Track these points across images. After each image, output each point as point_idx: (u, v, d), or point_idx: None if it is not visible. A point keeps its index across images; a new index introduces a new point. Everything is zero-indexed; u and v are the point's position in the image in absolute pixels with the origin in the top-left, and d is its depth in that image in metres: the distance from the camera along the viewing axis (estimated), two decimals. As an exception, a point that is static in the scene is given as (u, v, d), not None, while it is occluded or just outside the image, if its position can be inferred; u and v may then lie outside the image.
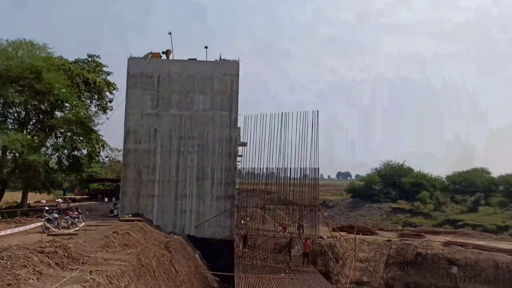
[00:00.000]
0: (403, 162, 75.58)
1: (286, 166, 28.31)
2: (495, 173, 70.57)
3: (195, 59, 30.78)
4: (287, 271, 23.46)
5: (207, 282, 23.37)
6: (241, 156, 31.72)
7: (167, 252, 20.43)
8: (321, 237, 27.85)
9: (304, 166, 27.88)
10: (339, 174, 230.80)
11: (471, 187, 64.10)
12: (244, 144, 30.17)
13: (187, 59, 30.87)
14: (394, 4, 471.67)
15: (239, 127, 30.28)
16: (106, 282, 11.42)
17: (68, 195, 43.95)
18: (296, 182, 28.68)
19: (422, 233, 33.66)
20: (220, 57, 31.06)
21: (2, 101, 29.56)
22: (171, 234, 26.57)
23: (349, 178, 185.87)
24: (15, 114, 32.39)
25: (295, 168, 28.33)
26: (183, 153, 29.64)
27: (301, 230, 28.22)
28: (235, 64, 30.52)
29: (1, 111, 31.17)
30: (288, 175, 28.69)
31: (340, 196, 77.05)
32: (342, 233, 30.32)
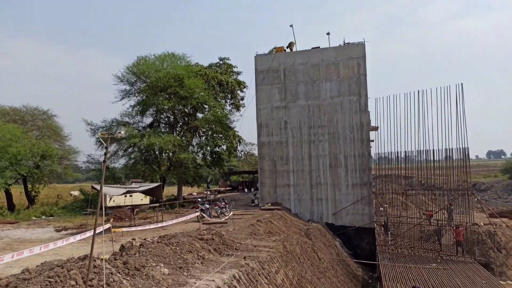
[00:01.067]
0: None
1: (427, 148, 25.88)
2: None
3: (318, 47, 30.49)
4: (438, 261, 21.54)
5: (350, 269, 23.03)
6: (373, 141, 30.30)
7: (308, 240, 20.81)
8: (476, 223, 24.71)
9: (450, 147, 25.06)
10: (489, 152, 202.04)
11: None
12: (376, 129, 28.69)
13: (310, 48, 30.78)
14: None
15: (369, 111, 28.96)
16: (259, 267, 12.16)
17: (213, 188, 48.61)
18: (440, 164, 25.98)
19: None
20: (344, 41, 30.13)
21: (155, 108, 34.21)
22: (310, 222, 27.02)
23: (503, 157, 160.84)
24: (166, 119, 37.18)
25: (438, 149, 25.69)
26: (314, 142, 29.74)
27: (451, 217, 25.50)
28: (361, 46, 29.20)
29: (155, 117, 36.15)
30: (431, 157, 26.17)
31: (495, 177, 67.09)
32: (503, 219, 26.40)
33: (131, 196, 24.37)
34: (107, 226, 12.40)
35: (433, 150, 25.75)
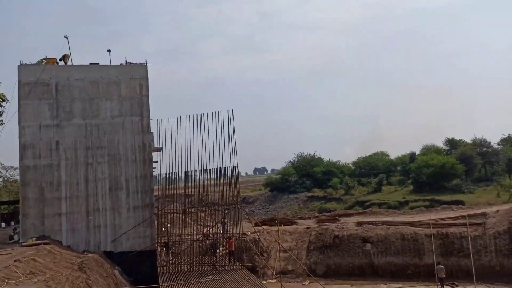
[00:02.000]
0: (314, 153, 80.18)
1: (204, 167, 27.96)
2: (392, 155, 79.05)
3: (98, 63, 28.72)
4: (214, 272, 23.24)
5: (131, 298, 22.04)
6: (156, 162, 30.54)
7: (81, 273, 18.74)
8: (244, 233, 28.12)
9: (223, 166, 27.84)
10: (256, 170, 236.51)
11: (374, 170, 70.48)
12: (159, 150, 29.11)
13: (88, 64, 28.66)
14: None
15: (152, 132, 29.11)
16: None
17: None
18: (216, 182, 28.54)
19: (337, 217, 36.02)
20: (126, 61, 29.42)
21: None
22: (85, 253, 24.47)
23: (265, 172, 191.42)
24: None
25: (214, 168, 28.14)
26: (92, 165, 27.47)
27: (225, 229, 28.15)
28: (143, 67, 29.14)
29: None
30: (208, 176, 28.40)
31: (259, 191, 78.74)
32: (264, 226, 31.01)
33: None
34: None
35: (210, 169, 28.03)
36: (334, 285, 25.06)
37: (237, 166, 27.88)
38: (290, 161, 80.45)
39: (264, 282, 22.86)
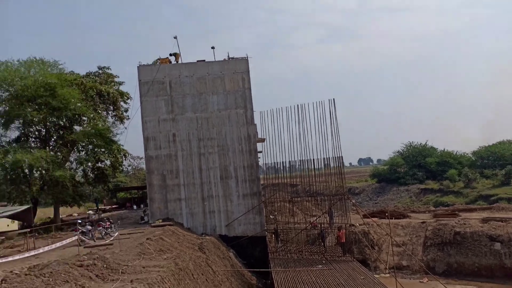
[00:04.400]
0: (426, 142, 73.92)
1: (308, 157, 27.80)
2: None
3: (204, 60, 30.52)
4: (323, 262, 23.05)
5: (245, 279, 23.13)
6: (260, 152, 31.41)
7: (202, 254, 20.27)
8: (353, 225, 27.26)
9: (327, 156, 27.34)
10: (360, 160, 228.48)
11: (500, 161, 62.12)
12: (263, 140, 29.82)
13: (195, 61, 30.63)
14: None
15: (256, 124, 30.00)
16: (149, 290, 11.24)
17: (98, 206, 44.49)
18: (320, 172, 28.17)
19: (456, 212, 32.66)
20: (228, 56, 30.74)
21: (21, 120, 29.95)
22: (203, 235, 26.47)
23: (371, 163, 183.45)
24: (36, 133, 32.85)
25: (317, 158, 27.79)
26: (204, 155, 29.45)
27: (332, 219, 27.68)
28: (244, 61, 30.12)
29: (22, 131, 31.63)
30: (312, 166, 28.17)
31: (365, 182, 75.81)
32: (374, 219, 29.67)
33: (-8, 222, 20.64)
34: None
35: (313, 159, 27.75)
36: (458, 285, 22.81)
37: (341, 156, 27.19)
38: (399, 151, 75.51)
39: (377, 276, 21.87)
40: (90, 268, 12.06)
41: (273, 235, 28.30)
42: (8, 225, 25.32)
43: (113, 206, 42.55)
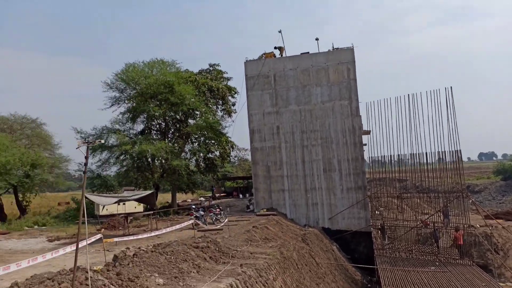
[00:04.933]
0: None
1: (419, 151, 25.82)
2: None
3: (308, 52, 30.46)
4: (436, 263, 21.37)
5: (349, 274, 22.75)
6: (365, 145, 30.26)
7: (305, 245, 20.52)
8: (472, 226, 24.63)
9: (442, 149, 25.03)
10: (481, 154, 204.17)
11: None
12: (368, 132, 28.63)
13: (299, 54, 30.73)
14: None
15: (361, 115, 28.97)
16: (256, 275, 11.84)
17: (208, 194, 48.11)
18: (434, 167, 25.91)
19: None
20: (333, 46, 30.17)
21: (145, 115, 33.80)
22: (306, 226, 26.75)
23: (494, 158, 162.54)
24: (157, 126, 36.77)
25: (431, 152, 25.63)
26: (307, 147, 29.57)
27: (447, 219, 25.39)
28: (350, 51, 29.24)
29: (146, 124, 35.72)
30: (424, 160, 26.08)
31: (487, 179, 67.51)
32: (498, 220, 26.40)
33: (124, 204, 23.91)
34: (98, 236, 11.98)
35: (426, 153, 25.68)
36: None
37: (460, 150, 24.63)
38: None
39: (502, 284, 19.49)
40: (204, 250, 13.18)
41: (379, 231, 27.16)
42: (135, 207, 28.99)
43: (222, 194, 45.46)
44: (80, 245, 10.63)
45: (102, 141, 28.59)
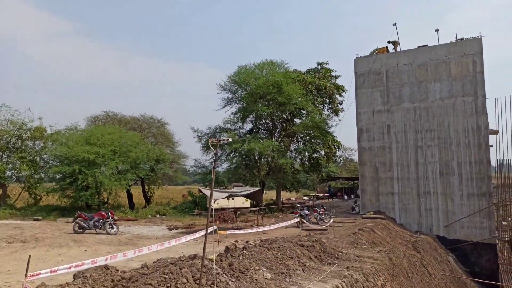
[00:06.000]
0: None
1: None
2: None
3: (426, 45, 28.33)
4: None
5: (467, 289, 20.66)
6: (491, 146, 26.95)
7: (416, 253, 19.23)
8: None
9: None
10: None
11: None
12: (496, 132, 25.47)
13: (416, 47, 28.75)
14: None
15: (487, 113, 25.87)
16: (363, 280, 11.57)
17: (311, 193, 48.20)
18: None
19: None
20: (456, 37, 27.52)
21: (254, 115, 35.32)
22: (417, 233, 24.99)
23: None
24: (265, 125, 38.11)
25: None
26: (422, 148, 27.57)
27: None
28: (477, 41, 26.32)
29: (254, 124, 37.31)
30: None
31: None
32: None
33: (233, 199, 25.48)
34: (213, 227, 13.04)
35: None
36: None
37: None
38: None
39: None
40: (309, 249, 13.33)
41: (507, 244, 23.98)
42: (243, 203, 30.61)
43: (325, 195, 45.07)
44: (197, 235, 11.76)
45: (230, 139, 30.84)
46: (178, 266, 8.29)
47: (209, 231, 13.27)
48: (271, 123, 37.36)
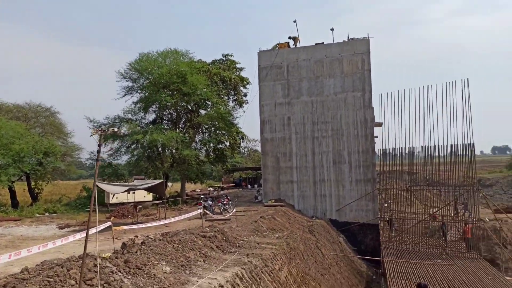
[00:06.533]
0: None
1: (431, 143, 25.58)
2: None
3: (322, 43, 30.28)
4: (443, 256, 21.37)
5: (354, 265, 22.91)
6: (376, 137, 30.11)
7: (311, 236, 20.69)
8: (481, 219, 24.49)
9: (455, 143, 24.76)
10: (494, 148, 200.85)
11: None
12: (380, 125, 28.44)
13: (314, 44, 30.56)
14: None
15: (373, 107, 28.76)
16: (262, 265, 12.06)
17: (216, 184, 48.54)
18: (445, 160, 25.68)
19: None
20: (348, 37, 29.92)
21: (157, 105, 34.07)
22: (313, 218, 26.90)
23: (508, 152, 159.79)
24: (169, 116, 37.04)
25: (443, 145, 25.37)
26: (318, 139, 29.57)
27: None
28: (365, 41, 28.95)
29: (158, 114, 36.03)
30: (435, 153, 25.84)
31: (500, 173, 66.60)
32: (508, 214, 26.16)
33: (133, 193, 24.38)
34: (108, 223, 12.29)
35: (438, 145, 25.45)
36: None
37: (473, 143, 24.34)
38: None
39: (508, 278, 19.40)
40: (211, 239, 13.42)
41: (387, 224, 27.21)
42: (144, 196, 29.48)
43: (230, 185, 45.80)
44: (90, 233, 10.97)
45: (115, 130, 28.98)
46: (65, 268, 7.64)
47: (103, 227, 12.51)
48: (175, 113, 36.46)
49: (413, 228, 25.30)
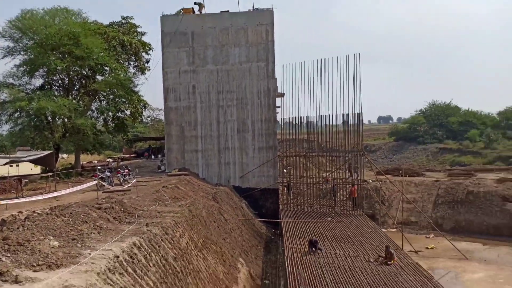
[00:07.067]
0: (450, 101, 71.55)
1: (327, 113, 27.62)
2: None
3: (228, 11, 29.92)
4: (332, 215, 23.75)
5: (255, 228, 24.22)
6: (279, 107, 31.43)
7: (215, 203, 21.19)
8: (365, 181, 27.58)
9: (346, 112, 27.07)
10: (380, 118, 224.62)
11: (526, 122, 60.02)
12: (282, 95, 29.71)
13: (219, 12, 30.06)
14: None
15: (276, 78, 29.75)
16: (162, 233, 12.04)
17: (117, 155, 46.15)
18: (338, 129, 28.07)
19: (473, 172, 32.48)
20: (253, 7, 30.08)
21: (45, 69, 30.64)
22: (217, 185, 27.45)
23: (390, 121, 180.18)
24: (59, 81, 33.68)
25: (336, 115, 27.57)
26: (223, 107, 29.76)
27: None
28: (269, 12, 29.38)
29: (46, 79, 32.49)
30: (330, 122, 28.02)
31: (383, 140, 75.07)
32: (388, 176, 29.86)
33: (17, 165, 21.91)
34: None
35: (332, 115, 27.57)
36: (463, 242, 23.22)
37: (361, 113, 26.90)
38: (421, 109, 73.61)
39: (384, 230, 22.50)
40: (108, 211, 12.90)
41: (286, 188, 29.07)
42: (31, 169, 26.81)
43: (132, 155, 44.01)
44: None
45: None
46: None
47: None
48: (67, 79, 33.27)
49: (308, 191, 27.49)
